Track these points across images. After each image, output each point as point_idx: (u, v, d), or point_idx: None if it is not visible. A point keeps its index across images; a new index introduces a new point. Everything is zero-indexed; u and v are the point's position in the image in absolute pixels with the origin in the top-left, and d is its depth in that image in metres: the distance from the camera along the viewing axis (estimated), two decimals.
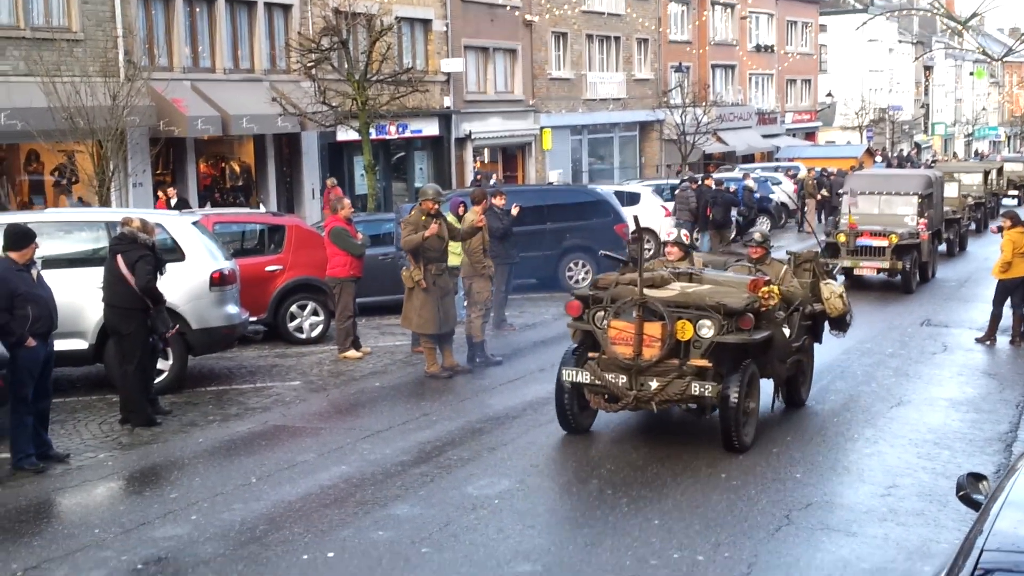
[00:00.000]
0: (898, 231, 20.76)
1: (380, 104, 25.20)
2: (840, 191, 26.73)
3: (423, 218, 13.18)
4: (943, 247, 26.57)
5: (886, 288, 21.37)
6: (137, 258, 10.92)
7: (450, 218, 14.61)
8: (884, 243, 20.73)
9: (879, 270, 21.04)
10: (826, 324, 12.38)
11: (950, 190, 28.10)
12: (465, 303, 14.88)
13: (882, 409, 11.81)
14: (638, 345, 9.89)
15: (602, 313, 10.22)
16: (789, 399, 11.62)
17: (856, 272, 21.23)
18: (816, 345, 12.52)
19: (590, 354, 10.33)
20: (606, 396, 10.16)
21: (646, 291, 10.11)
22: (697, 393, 9.75)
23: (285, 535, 7.96)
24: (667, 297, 10.15)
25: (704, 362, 9.84)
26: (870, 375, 13.52)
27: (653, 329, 9.87)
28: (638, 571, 7.25)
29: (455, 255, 14.61)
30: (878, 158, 54.80)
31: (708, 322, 9.83)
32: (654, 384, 9.82)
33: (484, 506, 8.56)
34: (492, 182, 28.51)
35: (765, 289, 10.24)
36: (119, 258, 10.95)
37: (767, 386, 11.00)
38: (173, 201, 22.11)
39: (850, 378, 13.35)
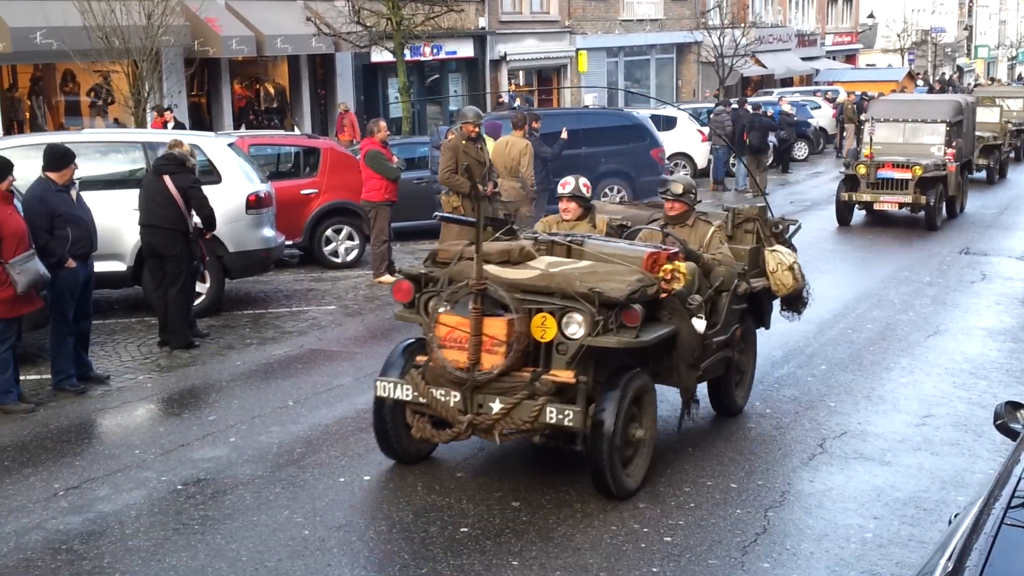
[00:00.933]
0: (922, 162, 19.28)
1: (415, 24, 25.01)
2: (862, 117, 26.15)
3: (462, 142, 13.10)
4: (982, 174, 26.35)
5: (911, 223, 21.11)
6: (189, 184, 10.96)
7: (489, 143, 14.54)
8: (907, 175, 19.23)
9: (901, 205, 19.60)
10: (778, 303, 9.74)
11: (991, 115, 27.57)
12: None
13: (919, 338, 11.75)
14: (475, 350, 7.09)
15: (435, 301, 7.46)
16: (717, 404, 9.02)
17: (876, 207, 19.94)
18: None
19: (418, 358, 7.52)
20: (432, 420, 7.43)
21: (494, 271, 7.33)
22: (553, 420, 6.92)
23: (322, 458, 8.05)
24: (521, 280, 7.28)
25: (567, 374, 7.00)
26: (907, 303, 13.43)
27: (496, 327, 7.08)
28: (671, 498, 7.29)
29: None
30: (919, 81, 53.95)
31: (577, 317, 6.98)
32: (496, 406, 7.03)
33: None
34: (516, 104, 28.25)
35: (667, 267, 7.43)
36: (167, 179, 10.95)
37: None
38: (170, 125, 21.29)
39: (887, 306, 13.27)
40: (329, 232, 16.00)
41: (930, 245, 17.88)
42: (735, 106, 26.34)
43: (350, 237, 16.09)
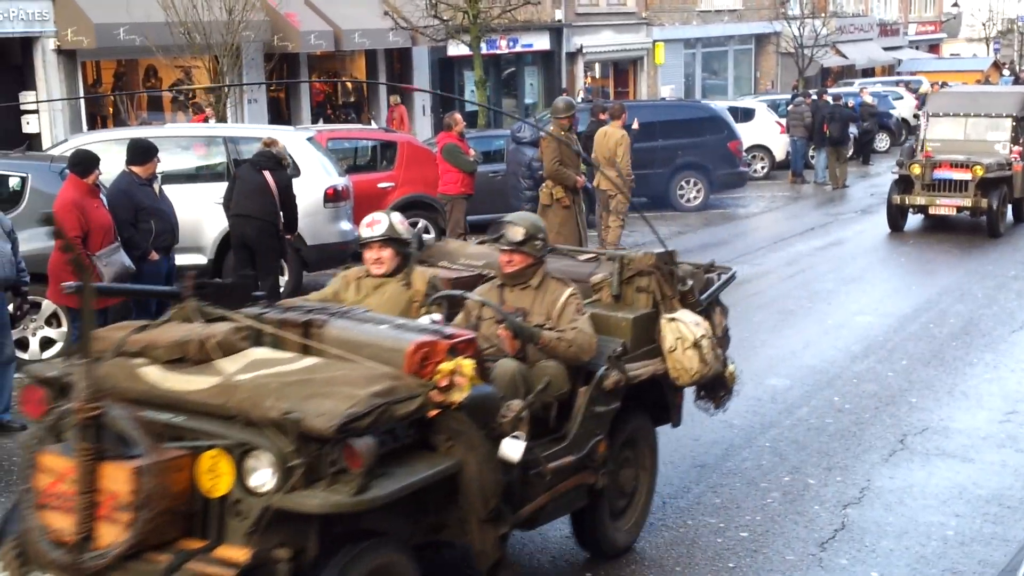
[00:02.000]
0: (984, 161, 17.12)
1: (491, 17, 25.04)
2: (917, 112, 24.79)
3: (562, 133, 13.14)
4: None
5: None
6: (287, 182, 11.26)
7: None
8: (967, 176, 17.11)
9: (959, 208, 17.40)
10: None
11: None
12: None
13: (1003, 333, 11.51)
14: (84, 516, 4.40)
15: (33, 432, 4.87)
16: (584, 541, 6.35)
17: (932, 211, 17.75)
18: (931, 265, 11.92)
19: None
20: None
21: (155, 376, 4.81)
22: None
23: None
24: (188, 395, 4.70)
25: (240, 553, 4.38)
26: (991, 298, 13.17)
27: (117, 479, 4.38)
28: (748, 493, 7.24)
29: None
30: (1005, 71, 52.78)
31: (264, 458, 4.43)
32: None
33: None
34: (581, 95, 28.12)
35: (444, 367, 4.88)
36: (267, 173, 11.12)
37: None
38: (212, 122, 20.29)
39: (970, 300, 13.02)
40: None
41: (1014, 239, 17.50)
42: (815, 97, 25.99)
43: (426, 230, 16.17)
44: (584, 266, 6.91)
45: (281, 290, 12.52)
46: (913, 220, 18.57)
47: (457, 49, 27.76)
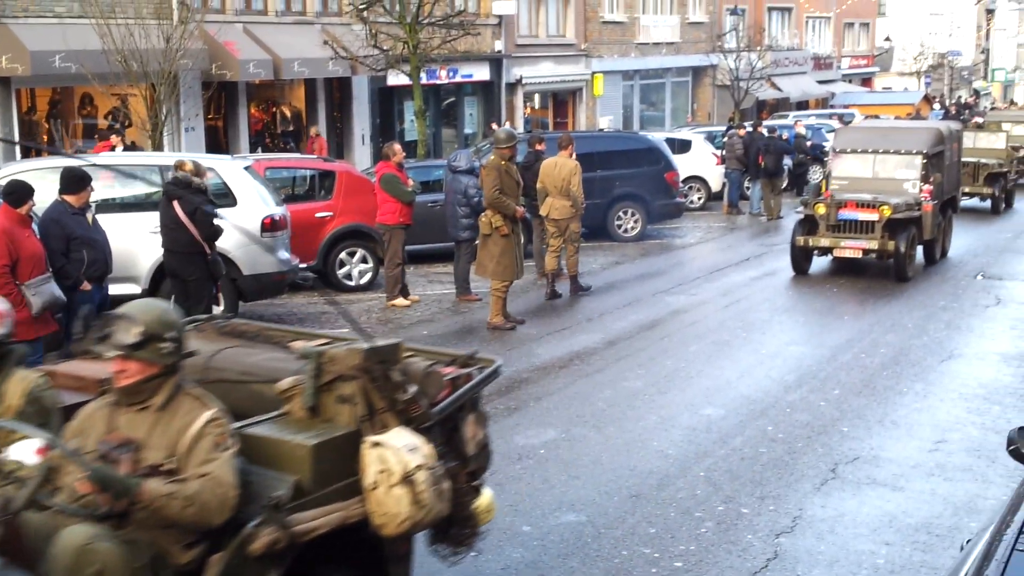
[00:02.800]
0: (892, 201, 16.29)
1: (431, 48, 25.13)
2: (824, 148, 24.36)
3: (502, 163, 13.20)
4: (987, 204, 25.30)
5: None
6: (195, 207, 11.00)
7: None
8: (873, 216, 16.24)
9: (865, 251, 16.50)
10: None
11: (996, 142, 26.45)
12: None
13: (933, 363, 11.71)
14: None
15: None
16: None
17: (837, 254, 16.79)
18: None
19: None
20: None
21: None
22: None
23: None
24: None
25: None
26: (921, 328, 13.40)
27: None
28: (682, 523, 7.29)
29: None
30: (936, 105, 53.91)
31: None
32: None
33: (530, 456, 8.62)
34: (506, 125, 28.37)
35: None
36: (176, 204, 11.03)
37: None
38: (119, 149, 19.86)
39: (901, 331, 13.24)
40: (343, 255, 16.05)
41: (944, 269, 17.83)
42: (750, 129, 26.36)
43: (364, 260, 16.14)
44: (293, 362, 5.08)
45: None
46: None
47: (397, 79, 27.80)
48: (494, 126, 31.32)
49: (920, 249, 17.45)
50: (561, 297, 15.25)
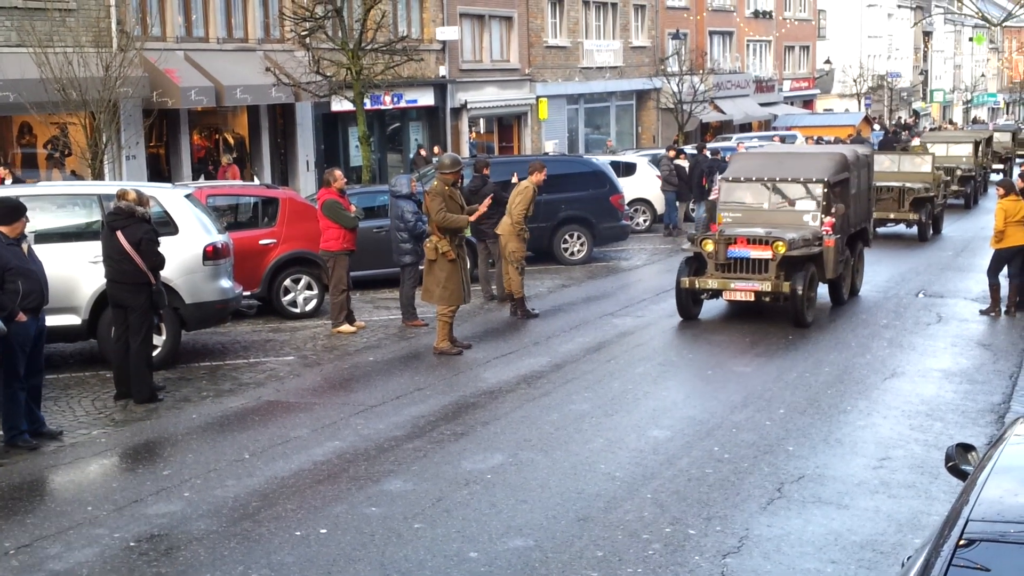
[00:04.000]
0: (787, 236, 14.47)
1: (375, 74, 25.12)
2: (715, 177, 21.57)
3: (446, 188, 13.16)
4: (914, 230, 24.29)
5: (890, 253, 21.08)
6: (140, 236, 10.85)
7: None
8: (765, 254, 14.45)
9: (758, 293, 14.60)
10: None
11: (922, 165, 25.40)
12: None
13: (876, 381, 11.82)
14: None
15: None
16: None
17: (727, 297, 14.89)
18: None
19: None
20: None
21: None
22: None
23: (278, 511, 7.96)
24: None
25: None
26: (864, 346, 13.52)
27: None
28: (630, 545, 7.26)
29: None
30: (876, 126, 54.69)
31: None
32: None
33: (477, 481, 8.57)
34: (436, 161, 28.43)
35: None
36: (120, 234, 10.87)
37: None
38: (8, 182, 18.78)
39: (844, 349, 13.35)
40: (288, 282, 15.92)
41: (886, 287, 18.02)
42: (694, 152, 26.56)
43: (309, 287, 16.02)
44: None
45: (157, 351, 12.28)
46: None
47: (341, 105, 27.75)
48: (437, 150, 31.36)
49: (827, 289, 16.01)
50: (537, 316, 15.51)
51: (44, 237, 12.25)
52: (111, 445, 9.85)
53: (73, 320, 12.27)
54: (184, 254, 12.59)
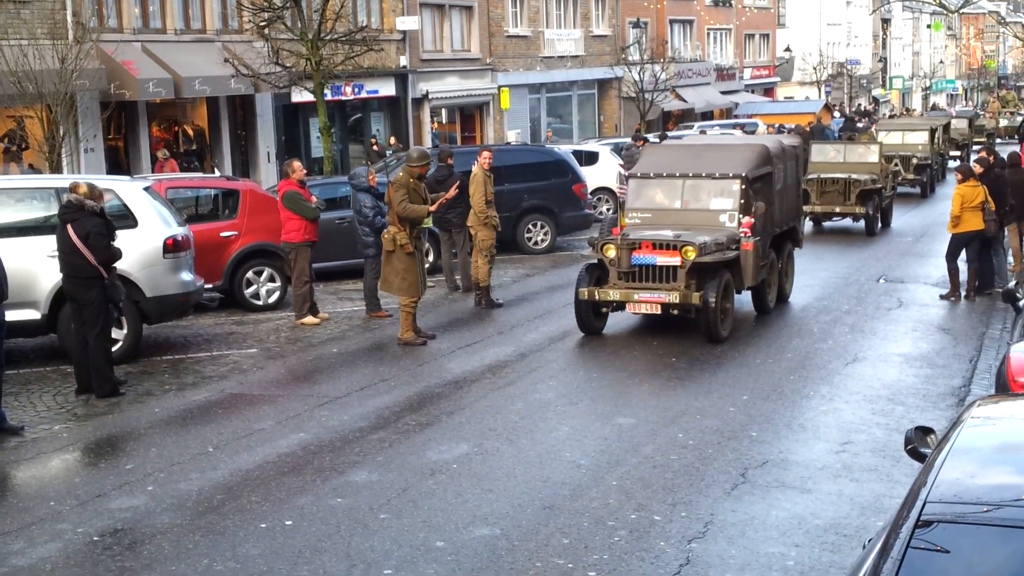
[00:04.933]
0: (697, 240, 12.73)
1: (335, 64, 24.98)
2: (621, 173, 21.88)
3: (411, 180, 13.11)
4: (861, 224, 23.05)
5: (841, 244, 21.20)
6: (88, 230, 10.74)
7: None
8: (673, 260, 12.74)
9: (665, 305, 12.81)
10: None
11: (868, 155, 24.30)
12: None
13: (838, 366, 11.91)
14: None
15: None
16: None
17: (631, 310, 13.13)
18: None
19: None
20: None
21: None
22: None
23: (243, 504, 7.93)
24: None
25: None
26: (826, 332, 13.62)
27: None
28: (595, 532, 7.29)
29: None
30: (836, 113, 55.04)
31: None
32: None
33: (443, 471, 8.57)
34: (390, 152, 28.38)
35: None
36: (69, 228, 10.78)
37: None
38: None
39: (806, 335, 13.45)
40: (250, 274, 15.83)
41: (848, 273, 18.17)
42: (656, 140, 26.63)
43: (271, 279, 15.93)
44: None
45: (118, 345, 12.19)
46: None
47: (301, 96, 27.59)
48: (393, 140, 31.23)
49: (750, 297, 14.46)
50: (501, 305, 15.50)
51: (2, 231, 12.14)
52: (73, 440, 9.77)
53: (33, 315, 12.14)
54: (144, 247, 12.50)
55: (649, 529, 7.36)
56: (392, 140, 32.03)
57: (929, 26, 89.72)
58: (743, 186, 13.65)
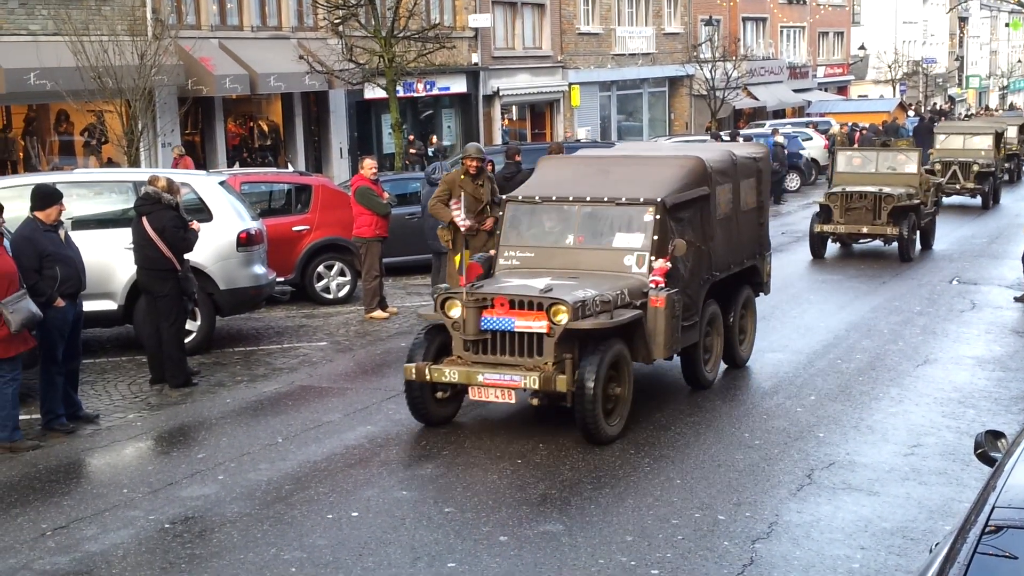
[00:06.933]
0: (571, 298, 8.93)
1: (407, 61, 25.17)
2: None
3: (461, 177, 13.15)
4: (894, 245, 19.50)
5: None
6: (164, 223, 10.96)
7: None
8: (538, 325, 8.97)
9: (535, 393, 9.05)
10: None
11: (906, 165, 20.37)
12: None
13: (908, 368, 11.77)
14: None
15: None
16: None
17: (473, 396, 9.37)
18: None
19: None
20: None
21: None
22: None
23: (310, 494, 8.05)
24: None
25: None
26: (897, 333, 13.46)
27: None
28: (659, 530, 7.30)
29: None
30: (911, 112, 54.25)
31: None
32: None
33: (508, 464, 8.61)
34: (432, 152, 28.38)
35: None
36: (145, 220, 11.01)
37: None
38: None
39: (876, 336, 13.30)
40: (321, 268, 16.03)
41: (920, 274, 17.92)
42: (727, 138, 26.46)
43: (342, 273, 16.12)
44: None
45: (192, 336, 12.41)
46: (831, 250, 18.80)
47: (374, 92, 27.83)
48: (433, 139, 31.34)
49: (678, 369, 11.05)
50: None
51: (81, 224, 12.42)
52: (146, 429, 9.98)
53: (109, 305, 12.41)
54: (218, 240, 12.71)
55: (713, 528, 7.35)
56: (433, 139, 32.11)
57: (1007, 24, 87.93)
58: (658, 216, 9.86)
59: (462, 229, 12.82)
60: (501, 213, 10.65)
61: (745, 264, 11.71)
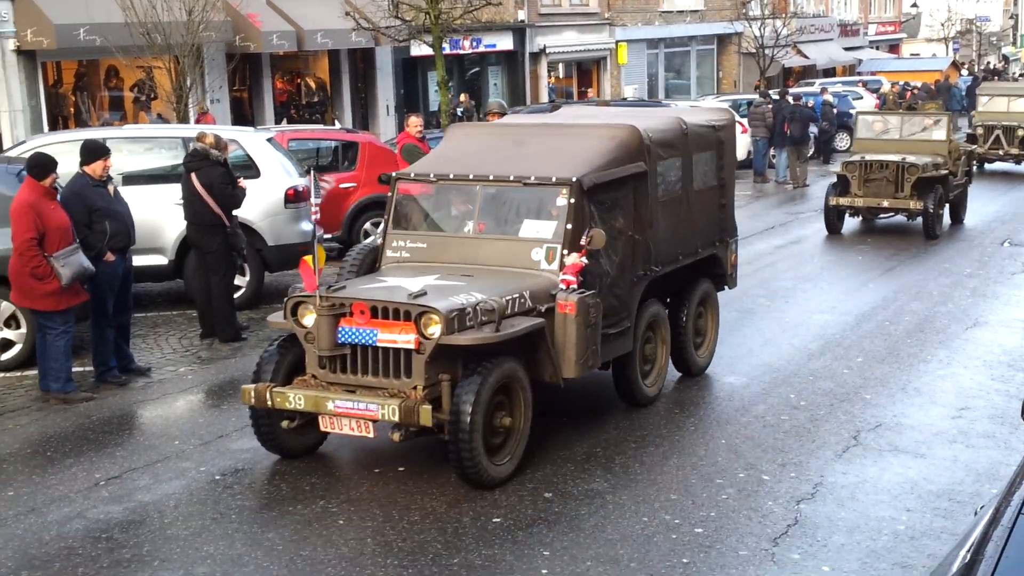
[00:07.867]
0: (444, 305, 7.19)
1: (453, 18, 25.05)
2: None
3: None
4: (918, 221, 17.72)
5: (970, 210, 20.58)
6: (212, 179, 11.04)
7: None
8: (405, 339, 7.19)
9: (378, 425, 7.40)
10: None
11: (935, 131, 18.40)
12: None
13: (957, 330, 11.67)
14: None
15: None
16: None
17: (324, 427, 7.56)
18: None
19: None
20: None
21: None
22: None
23: (356, 449, 8.14)
24: None
25: None
26: (947, 295, 13.34)
27: None
28: (703, 489, 7.32)
29: None
30: (964, 71, 53.39)
31: None
32: None
33: (552, 425, 8.65)
34: (461, 111, 28.07)
35: None
36: (193, 176, 11.10)
37: None
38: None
39: (926, 298, 13.18)
40: (368, 225, 16.08)
41: (971, 236, 17.72)
42: (776, 97, 26.19)
43: None
44: None
45: (241, 292, 12.52)
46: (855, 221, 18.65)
47: (420, 49, 27.75)
48: (464, 97, 31.14)
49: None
50: None
51: (131, 179, 12.54)
52: (197, 382, 10.12)
53: (160, 260, 12.55)
54: (266, 197, 12.79)
55: (757, 488, 7.37)
56: (464, 97, 31.91)
57: None
58: (572, 199, 8.06)
59: None
60: (390, 194, 8.79)
61: (700, 254, 9.83)
